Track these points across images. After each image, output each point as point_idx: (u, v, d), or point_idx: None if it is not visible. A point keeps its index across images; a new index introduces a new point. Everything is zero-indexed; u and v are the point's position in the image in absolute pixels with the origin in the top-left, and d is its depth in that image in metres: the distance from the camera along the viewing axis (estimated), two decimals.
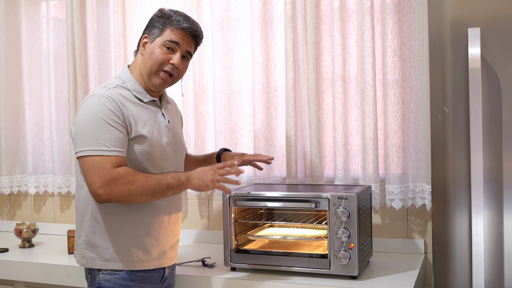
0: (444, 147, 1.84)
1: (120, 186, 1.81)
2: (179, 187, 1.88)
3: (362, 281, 2.06)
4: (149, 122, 1.95)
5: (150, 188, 1.83)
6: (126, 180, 1.81)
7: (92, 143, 1.82)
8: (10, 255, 2.66)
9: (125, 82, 1.99)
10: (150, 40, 1.99)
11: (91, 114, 1.85)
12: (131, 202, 1.87)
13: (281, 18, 2.65)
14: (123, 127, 1.87)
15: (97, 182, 1.81)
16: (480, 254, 1.76)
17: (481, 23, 1.78)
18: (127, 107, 1.91)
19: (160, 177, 1.86)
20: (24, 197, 3.32)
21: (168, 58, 1.97)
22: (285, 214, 2.53)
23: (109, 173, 1.80)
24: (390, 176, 2.45)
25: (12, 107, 3.19)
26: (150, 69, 1.97)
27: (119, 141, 1.85)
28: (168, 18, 1.98)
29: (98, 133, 1.83)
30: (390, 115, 2.44)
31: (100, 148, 1.82)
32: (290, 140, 2.58)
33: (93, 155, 1.82)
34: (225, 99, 2.74)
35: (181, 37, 1.98)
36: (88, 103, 1.88)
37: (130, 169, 1.84)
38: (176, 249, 2.10)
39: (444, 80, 1.83)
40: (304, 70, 2.56)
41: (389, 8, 2.42)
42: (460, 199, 1.82)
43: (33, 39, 3.20)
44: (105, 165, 1.81)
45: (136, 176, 1.83)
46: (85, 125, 1.85)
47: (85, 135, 1.84)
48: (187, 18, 2.01)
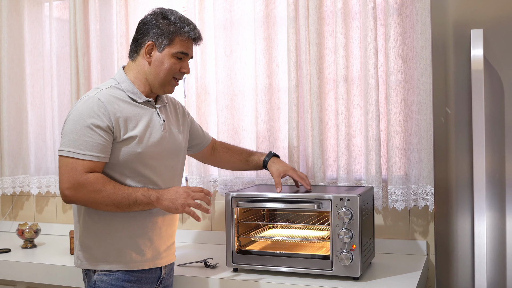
0: (447, 148, 1.84)
1: (86, 193, 1.85)
2: (147, 205, 1.90)
3: (364, 282, 2.06)
4: (142, 122, 1.97)
5: (116, 200, 1.86)
6: (93, 187, 1.85)
7: (70, 144, 1.87)
8: (12, 256, 2.66)
9: (119, 83, 2.00)
10: (158, 49, 1.98)
11: (77, 116, 1.89)
12: (97, 208, 1.91)
13: (283, 19, 2.65)
14: (107, 132, 1.89)
15: (65, 183, 1.86)
16: (483, 255, 1.76)
17: (484, 24, 1.78)
18: (118, 108, 1.92)
19: (129, 191, 1.88)
20: (26, 198, 3.33)
21: (179, 67, 2.01)
22: (287, 215, 2.53)
23: (78, 177, 1.85)
24: (392, 177, 2.45)
25: (14, 107, 3.19)
26: (164, 80, 1.99)
27: (97, 146, 1.87)
28: (175, 26, 1.97)
29: (78, 135, 1.87)
30: (392, 116, 2.44)
31: (75, 151, 1.86)
32: (292, 141, 2.58)
33: (67, 156, 1.86)
34: (227, 100, 2.74)
35: (190, 47, 2.02)
36: (78, 104, 1.92)
37: (101, 177, 1.87)
38: (173, 250, 2.11)
39: (447, 81, 1.83)
40: (306, 71, 2.56)
41: (392, 9, 2.42)
42: (463, 200, 1.82)
43: (36, 39, 3.20)
44: (77, 167, 1.85)
45: (105, 185, 1.86)
46: (69, 125, 1.90)
47: (66, 135, 1.90)
48: (193, 26, 2.02)
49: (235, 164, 2.42)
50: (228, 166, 2.46)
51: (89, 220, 1.95)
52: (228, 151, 2.42)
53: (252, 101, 2.73)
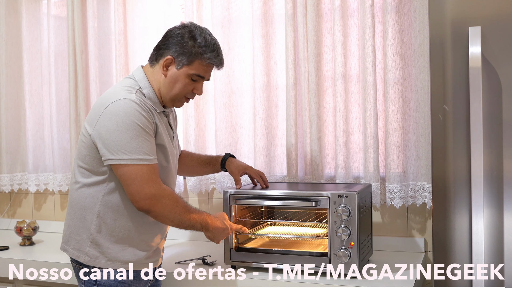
0: (445, 146, 1.84)
1: (162, 205, 1.86)
2: (198, 230, 1.98)
3: (362, 280, 2.06)
4: (164, 132, 1.97)
5: (182, 221, 1.91)
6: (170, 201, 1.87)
7: (136, 151, 1.81)
8: (11, 253, 2.67)
9: (142, 88, 1.96)
10: (176, 66, 1.95)
11: (128, 121, 1.81)
12: (160, 221, 1.93)
13: (281, 16, 2.65)
14: (152, 136, 1.89)
15: (146, 193, 1.82)
16: (480, 253, 1.76)
17: (482, 21, 1.78)
18: (150, 113, 1.91)
19: (195, 216, 1.94)
20: (24, 195, 3.33)
21: (192, 88, 2.00)
22: (285, 213, 2.53)
23: (158, 186, 1.84)
24: (390, 175, 2.45)
25: (12, 105, 3.19)
26: (175, 97, 1.99)
27: (154, 149, 1.88)
28: (199, 48, 1.94)
29: (138, 141, 1.81)
30: (390, 114, 2.44)
31: (145, 157, 1.82)
32: (290, 139, 2.58)
33: (138, 164, 1.81)
34: (225, 98, 2.74)
35: (208, 71, 2.01)
36: (119, 108, 1.82)
37: (173, 192, 1.90)
38: (162, 251, 2.14)
39: (445, 78, 1.83)
40: (304, 69, 2.56)
41: (389, 6, 2.42)
42: (461, 197, 1.82)
43: (33, 37, 3.20)
44: (152, 176, 1.84)
45: (179, 201, 1.90)
46: (122, 131, 1.80)
47: (124, 142, 1.80)
48: (218, 53, 1.98)
49: (194, 168, 2.41)
50: (188, 171, 2.44)
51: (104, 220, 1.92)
52: (187, 156, 2.40)
53: (250, 98, 2.72)
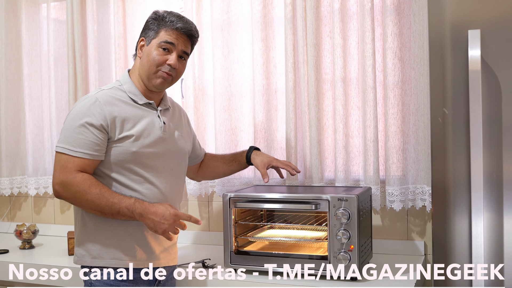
0: (444, 149, 1.84)
1: (72, 192, 1.90)
2: (130, 217, 1.92)
3: (362, 283, 2.06)
4: (140, 123, 1.99)
5: (100, 206, 1.90)
6: (78, 188, 1.88)
7: (64, 141, 1.92)
8: (10, 257, 2.66)
9: (122, 84, 2.04)
10: (147, 43, 2.03)
11: (74, 114, 1.94)
12: (83, 209, 1.96)
13: (281, 19, 2.65)
14: (100, 131, 1.91)
15: (56, 179, 1.92)
16: (480, 256, 1.76)
17: (481, 25, 1.78)
18: (117, 108, 1.95)
19: (115, 201, 1.89)
20: (24, 199, 3.32)
21: (165, 59, 2.01)
22: (285, 216, 2.53)
23: (67, 174, 1.89)
24: (390, 178, 2.45)
25: (12, 108, 3.19)
26: (149, 71, 2.01)
27: (89, 143, 1.90)
28: (162, 20, 2.02)
29: (72, 133, 1.91)
30: (390, 117, 2.44)
31: (67, 147, 1.91)
32: (290, 142, 2.58)
33: (61, 152, 1.92)
34: (225, 101, 2.74)
35: (176, 37, 2.01)
36: (78, 103, 1.98)
37: (88, 179, 1.90)
38: (172, 252, 2.10)
39: (444, 81, 1.83)
40: (304, 72, 2.56)
41: (389, 9, 2.42)
42: (460, 200, 1.82)
43: (33, 40, 3.20)
44: (67, 165, 1.90)
45: (91, 188, 1.89)
46: (66, 122, 1.95)
47: (63, 131, 1.95)
48: (181, 18, 2.04)
49: (219, 168, 2.41)
50: (214, 172, 2.45)
51: (85, 218, 1.98)
52: (212, 157, 2.44)
53: (250, 102, 2.72)
